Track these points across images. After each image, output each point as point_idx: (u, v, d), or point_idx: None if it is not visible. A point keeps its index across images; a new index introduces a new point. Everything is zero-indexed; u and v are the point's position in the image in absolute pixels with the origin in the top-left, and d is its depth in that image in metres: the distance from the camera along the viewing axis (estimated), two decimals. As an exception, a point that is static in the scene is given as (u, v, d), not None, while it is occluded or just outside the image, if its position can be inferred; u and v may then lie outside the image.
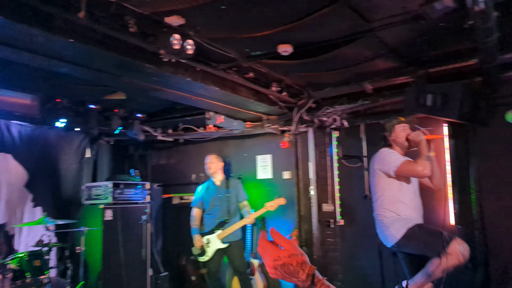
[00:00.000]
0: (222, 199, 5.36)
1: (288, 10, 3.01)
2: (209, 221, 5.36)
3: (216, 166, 5.49)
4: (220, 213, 5.31)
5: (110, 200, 5.13)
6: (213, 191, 5.41)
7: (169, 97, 4.64)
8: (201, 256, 5.27)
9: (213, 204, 5.35)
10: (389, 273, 4.78)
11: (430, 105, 3.89)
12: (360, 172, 5.25)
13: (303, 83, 4.90)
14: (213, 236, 5.24)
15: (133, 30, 3.03)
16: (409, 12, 3.09)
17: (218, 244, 5.22)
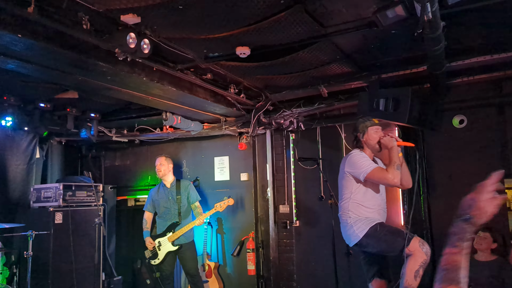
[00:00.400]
0: (173, 201, 5.28)
1: (246, 12, 3.02)
2: (160, 224, 5.30)
3: (166, 168, 5.38)
4: (170, 215, 5.25)
5: (60, 203, 4.93)
6: (164, 194, 5.34)
7: (125, 97, 4.53)
8: (153, 259, 5.20)
9: (164, 207, 5.29)
10: (343, 273, 4.91)
11: (382, 109, 4.03)
12: (316, 174, 5.36)
13: (261, 85, 4.94)
14: (164, 238, 5.18)
15: (86, 28, 2.93)
16: (363, 19, 3.19)
17: (169, 247, 5.16)
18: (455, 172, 4.70)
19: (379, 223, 3.45)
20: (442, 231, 4.64)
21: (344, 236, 3.63)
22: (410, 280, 3.23)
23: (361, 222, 3.46)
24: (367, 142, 3.63)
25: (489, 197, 1.38)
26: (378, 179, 3.43)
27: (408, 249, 3.26)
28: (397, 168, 3.37)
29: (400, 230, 3.48)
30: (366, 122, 3.66)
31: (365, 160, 3.50)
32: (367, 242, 3.43)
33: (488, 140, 4.57)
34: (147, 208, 5.41)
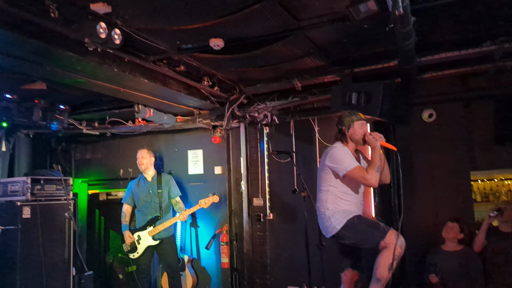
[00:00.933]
0: (153, 195, 5.28)
1: (220, 4, 3.00)
2: (140, 217, 5.28)
3: (148, 161, 5.37)
4: (151, 209, 5.23)
5: (28, 197, 4.79)
6: (144, 187, 5.32)
7: (95, 89, 4.43)
8: (132, 253, 5.19)
9: (144, 200, 5.26)
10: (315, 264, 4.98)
11: (355, 103, 4.08)
12: (290, 167, 5.40)
13: (235, 78, 4.93)
14: (144, 232, 5.17)
15: (54, 16, 2.84)
16: (336, 13, 3.21)
17: (149, 241, 5.15)
18: (424, 164, 4.82)
19: (356, 215, 3.49)
20: (412, 223, 4.77)
21: (321, 228, 3.65)
22: (384, 272, 3.29)
23: (339, 214, 3.49)
24: (352, 136, 3.64)
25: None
26: (357, 178, 3.47)
27: (384, 241, 3.31)
28: (377, 169, 3.42)
29: (377, 223, 3.52)
30: (352, 116, 3.65)
31: (347, 157, 3.52)
32: (344, 234, 3.47)
33: (455, 134, 4.70)
34: (126, 200, 5.36)
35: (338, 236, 3.51)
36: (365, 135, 3.60)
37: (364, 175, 3.42)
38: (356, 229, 3.43)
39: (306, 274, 4.47)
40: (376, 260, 3.37)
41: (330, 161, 3.57)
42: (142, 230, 5.20)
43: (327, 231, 3.57)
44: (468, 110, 4.72)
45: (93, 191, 6.63)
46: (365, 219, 3.55)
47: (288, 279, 5.39)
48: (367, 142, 3.61)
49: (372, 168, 3.42)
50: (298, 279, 5.26)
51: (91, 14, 2.99)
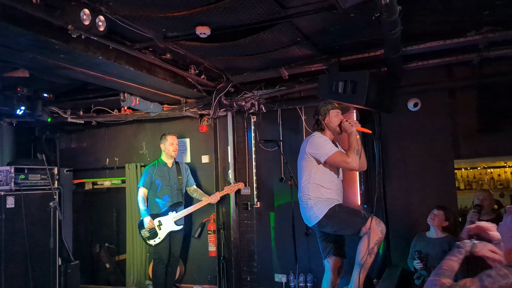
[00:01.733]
0: (175, 181, 5.24)
1: (205, -9, 2.96)
2: (160, 203, 5.18)
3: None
4: (173, 195, 5.19)
5: (12, 187, 4.73)
6: (165, 172, 5.24)
7: (80, 77, 4.36)
8: (152, 239, 5.08)
9: (165, 186, 5.18)
10: (302, 252, 5.04)
11: (341, 92, 4.10)
12: (277, 156, 5.42)
13: (222, 67, 4.89)
14: (167, 218, 5.08)
15: (36, 2, 2.78)
16: (323, 1, 3.20)
17: (171, 226, 5.09)
18: (409, 153, 4.88)
19: (337, 204, 3.57)
20: (396, 210, 4.85)
21: (303, 217, 3.72)
22: (365, 257, 3.38)
23: (321, 203, 3.56)
24: (328, 124, 3.78)
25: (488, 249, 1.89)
26: (338, 163, 3.58)
27: (365, 227, 3.40)
28: (356, 153, 3.53)
29: (357, 210, 3.63)
30: (327, 106, 3.82)
31: (327, 143, 3.63)
32: (326, 223, 3.55)
33: (440, 123, 4.76)
34: (144, 185, 5.18)
35: (320, 225, 3.59)
36: (341, 121, 3.74)
37: (345, 159, 3.54)
38: (337, 217, 3.52)
39: (293, 262, 4.51)
40: (358, 246, 3.46)
41: (310, 148, 3.66)
42: (164, 215, 5.10)
43: (309, 220, 3.64)
44: (453, 99, 4.78)
45: (79, 180, 6.57)
46: (346, 207, 3.63)
47: (275, 267, 5.45)
48: (343, 128, 3.75)
49: (352, 152, 3.54)
50: (285, 267, 5.33)
51: (74, 0, 2.93)
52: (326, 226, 3.61)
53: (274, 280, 5.42)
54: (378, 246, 3.44)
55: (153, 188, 5.18)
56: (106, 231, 6.52)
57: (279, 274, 5.40)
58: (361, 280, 3.45)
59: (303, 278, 5.18)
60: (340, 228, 3.58)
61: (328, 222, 3.55)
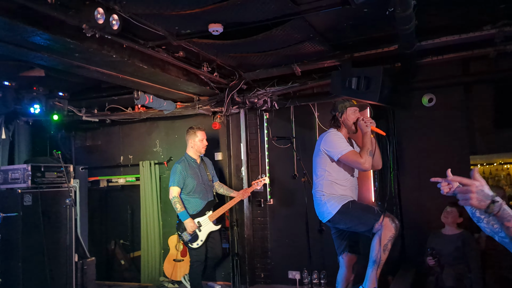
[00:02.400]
0: (205, 178, 4.90)
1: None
2: (194, 202, 4.76)
3: None
4: (206, 193, 4.83)
5: (29, 184, 4.81)
6: (196, 170, 4.85)
7: (94, 75, 4.40)
8: (194, 242, 4.67)
9: (198, 184, 4.79)
10: (315, 249, 5.03)
11: (354, 88, 4.07)
12: (290, 153, 5.41)
13: (235, 64, 4.90)
14: (204, 218, 4.74)
15: (51, 2, 2.81)
16: (335, -4, 3.18)
17: (210, 227, 4.76)
18: (424, 149, 4.83)
19: (351, 200, 3.56)
20: (411, 207, 4.80)
21: (317, 213, 3.72)
22: (379, 253, 3.36)
23: (334, 199, 3.55)
24: (345, 122, 3.76)
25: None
26: (351, 162, 3.56)
27: (378, 224, 3.38)
28: (369, 153, 3.50)
29: (371, 206, 3.62)
30: (345, 103, 3.78)
31: (342, 142, 3.61)
32: (339, 219, 3.54)
33: (455, 118, 4.70)
34: (179, 184, 4.70)
35: (333, 221, 3.59)
36: (357, 119, 3.69)
37: (357, 159, 3.49)
38: (350, 213, 3.51)
39: (307, 259, 4.51)
40: (372, 242, 3.45)
41: (325, 145, 3.65)
42: (201, 215, 4.74)
43: (323, 216, 3.65)
44: (468, 95, 4.71)
45: (94, 177, 6.65)
46: (359, 203, 3.61)
47: (288, 263, 5.45)
48: (359, 127, 3.69)
49: (365, 152, 3.50)
50: (298, 264, 5.32)
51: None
52: (339, 223, 3.61)
53: (287, 277, 5.43)
54: (392, 243, 3.42)
55: (186, 187, 4.74)
56: (121, 228, 6.59)
57: (292, 271, 5.39)
58: (376, 276, 3.43)
59: (317, 275, 5.18)
60: (353, 225, 3.56)
61: (341, 219, 3.55)
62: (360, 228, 3.55)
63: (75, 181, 5.78)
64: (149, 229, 6.11)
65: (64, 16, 2.98)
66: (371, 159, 3.53)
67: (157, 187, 6.20)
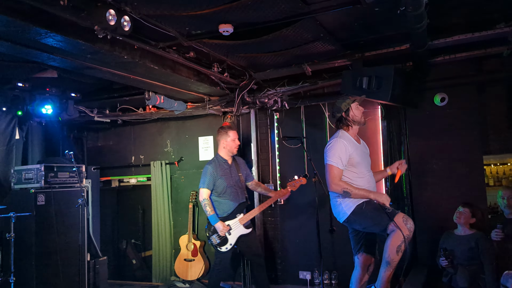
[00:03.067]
0: (236, 179, 4.67)
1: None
2: (224, 204, 4.55)
3: None
4: (237, 194, 4.60)
5: (42, 184, 4.87)
6: (227, 170, 4.64)
7: (106, 76, 4.44)
8: (223, 245, 4.46)
9: (229, 185, 4.58)
10: (326, 249, 5.01)
11: (366, 87, 4.04)
12: (300, 153, 5.39)
13: (245, 64, 4.90)
14: (235, 221, 4.50)
15: (63, 4, 2.84)
16: (346, -4, 3.17)
17: (241, 230, 4.50)
18: (437, 149, 4.78)
19: (366, 201, 3.52)
20: (423, 207, 4.76)
21: (334, 213, 3.71)
22: (392, 254, 3.33)
23: (349, 200, 3.52)
24: (354, 118, 3.69)
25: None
26: (328, 174, 3.52)
27: (392, 224, 3.34)
28: (347, 195, 3.47)
29: (385, 206, 3.51)
30: (346, 100, 3.71)
31: (338, 153, 3.53)
32: (354, 219, 3.52)
33: (468, 118, 4.64)
34: (209, 185, 4.50)
35: (349, 221, 3.57)
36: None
37: (333, 179, 3.48)
38: (364, 214, 3.48)
39: (318, 259, 4.49)
40: (386, 243, 3.41)
41: (326, 148, 3.64)
42: (231, 218, 4.51)
43: (339, 216, 3.64)
44: (481, 94, 4.65)
45: (105, 177, 6.71)
46: (374, 204, 3.55)
47: (299, 264, 5.43)
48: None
49: (351, 190, 3.46)
50: (309, 264, 5.31)
51: (100, 1, 2.98)
52: (354, 223, 3.59)
53: (298, 277, 5.41)
54: (406, 244, 3.37)
55: (217, 188, 4.54)
56: (132, 228, 6.64)
57: (303, 271, 5.38)
58: (388, 277, 3.40)
59: (328, 275, 5.16)
60: (367, 225, 3.53)
61: (356, 219, 3.52)
62: (375, 228, 3.51)
63: (87, 181, 5.84)
64: (160, 228, 6.15)
65: (76, 17, 3.00)
66: (345, 194, 3.48)
67: (168, 187, 6.23)
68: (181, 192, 6.27)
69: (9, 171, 5.31)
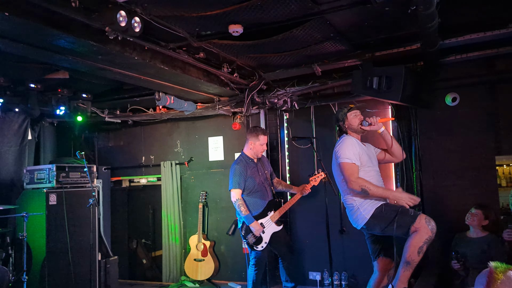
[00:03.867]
0: (264, 177, 4.71)
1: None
2: (255, 202, 4.57)
3: None
4: (266, 192, 4.63)
5: (54, 184, 4.92)
6: (255, 169, 4.66)
7: (116, 77, 4.48)
8: (259, 244, 4.49)
9: (258, 183, 4.60)
10: (336, 250, 4.99)
11: (376, 87, 4.02)
12: (310, 153, 5.38)
13: (255, 64, 4.90)
14: (267, 219, 4.54)
15: (75, 5, 2.87)
16: (356, -5, 3.15)
17: (273, 228, 4.55)
18: (448, 149, 4.73)
19: (384, 203, 3.46)
20: (434, 208, 4.71)
21: (351, 220, 3.63)
22: (413, 255, 3.26)
23: (367, 203, 3.47)
24: (350, 127, 3.73)
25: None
26: (345, 172, 3.49)
27: (414, 226, 3.28)
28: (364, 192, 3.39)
29: (405, 208, 3.44)
30: (343, 110, 3.78)
31: (350, 149, 3.53)
32: (374, 224, 3.44)
33: (480, 118, 4.59)
34: (240, 185, 4.52)
35: (368, 226, 3.48)
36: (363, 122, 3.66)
37: (351, 174, 3.43)
38: (385, 216, 3.39)
39: (327, 260, 4.47)
40: (406, 243, 3.33)
41: (337, 149, 3.63)
42: (263, 216, 4.54)
43: (357, 222, 3.55)
44: (493, 93, 4.59)
45: (116, 178, 6.76)
46: (393, 205, 3.48)
47: (309, 264, 5.42)
48: (372, 129, 3.68)
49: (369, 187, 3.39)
50: (319, 265, 5.30)
51: (111, 2, 3.01)
52: (374, 227, 3.49)
53: (308, 278, 5.40)
54: (427, 245, 3.32)
55: (247, 187, 4.57)
56: (143, 228, 6.68)
57: (313, 272, 5.37)
58: (407, 277, 3.34)
59: (338, 276, 5.14)
60: (389, 228, 3.41)
61: (376, 223, 3.43)
62: (397, 231, 3.38)
63: (98, 181, 5.89)
64: (170, 228, 6.18)
65: (88, 19, 3.03)
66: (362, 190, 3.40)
67: (178, 187, 6.26)
68: (191, 192, 6.30)
69: (22, 171, 5.38)
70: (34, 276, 4.62)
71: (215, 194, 6.10)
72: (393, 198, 3.44)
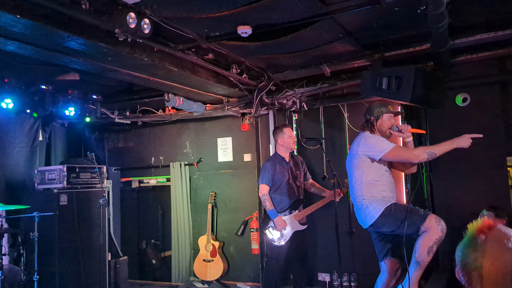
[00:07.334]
0: (294, 176, 4.72)
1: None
2: (280, 200, 4.63)
3: None
4: (293, 191, 4.65)
5: (64, 185, 4.97)
6: (285, 168, 4.68)
7: (126, 78, 4.51)
8: (278, 241, 4.56)
9: (285, 182, 4.64)
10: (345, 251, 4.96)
11: (385, 88, 4.00)
12: (319, 154, 5.37)
13: (263, 65, 4.90)
14: (289, 217, 4.60)
15: (85, 7, 2.90)
16: (365, -4, 3.14)
17: (296, 226, 4.60)
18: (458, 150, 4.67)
19: (393, 203, 3.44)
20: (444, 209, 4.67)
21: (358, 219, 3.61)
22: (423, 255, 3.23)
23: (377, 202, 3.45)
24: (380, 127, 3.65)
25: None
26: (401, 156, 3.46)
27: (424, 226, 3.25)
28: (427, 152, 3.36)
29: (415, 208, 3.43)
30: (382, 108, 3.66)
31: (382, 141, 3.50)
32: (382, 222, 3.42)
33: (491, 118, 4.54)
34: (268, 182, 4.61)
35: (376, 225, 3.46)
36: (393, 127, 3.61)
37: (408, 153, 3.41)
38: (394, 216, 3.37)
39: (337, 261, 4.45)
40: (416, 243, 3.30)
41: (364, 147, 3.53)
42: (287, 214, 4.60)
43: (365, 221, 3.53)
44: (504, 94, 4.54)
45: (126, 178, 6.80)
46: (402, 205, 3.47)
47: (318, 266, 5.40)
48: (401, 136, 3.65)
49: (430, 148, 3.38)
50: (328, 266, 5.27)
51: (120, 4, 3.03)
52: (382, 226, 3.47)
53: (317, 279, 5.38)
54: (437, 245, 3.29)
55: (274, 185, 4.64)
56: (152, 228, 6.71)
57: (322, 273, 5.35)
58: (417, 278, 3.32)
59: (347, 277, 5.11)
60: (398, 228, 3.39)
61: (384, 222, 3.41)
62: (406, 231, 3.34)
63: (108, 181, 5.94)
64: (179, 229, 6.20)
65: (98, 21, 3.06)
66: (426, 157, 3.37)
67: (187, 188, 6.28)
68: (200, 193, 6.32)
69: (33, 171, 5.43)
70: (45, 275, 4.66)
71: (224, 195, 6.11)
72: (457, 145, 3.41)
